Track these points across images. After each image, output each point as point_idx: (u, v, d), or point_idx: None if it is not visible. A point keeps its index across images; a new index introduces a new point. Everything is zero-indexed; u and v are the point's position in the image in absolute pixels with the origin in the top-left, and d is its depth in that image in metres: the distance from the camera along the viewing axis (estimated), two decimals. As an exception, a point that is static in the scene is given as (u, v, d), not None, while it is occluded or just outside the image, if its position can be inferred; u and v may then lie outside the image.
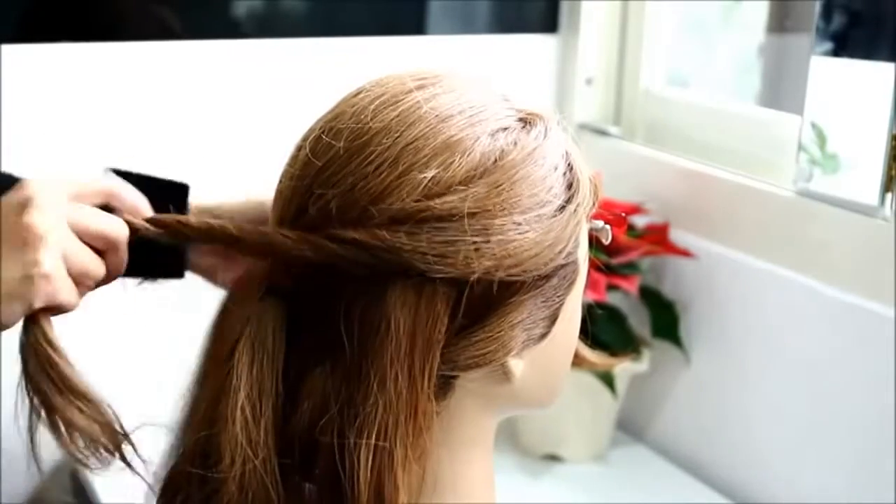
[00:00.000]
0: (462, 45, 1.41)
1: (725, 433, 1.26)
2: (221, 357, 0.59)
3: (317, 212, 0.57)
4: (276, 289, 0.59)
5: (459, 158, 0.56)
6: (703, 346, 1.29)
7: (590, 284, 0.86)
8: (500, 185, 0.56)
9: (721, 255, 1.25)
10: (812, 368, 1.14)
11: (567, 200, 0.59)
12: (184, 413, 0.64)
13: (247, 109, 1.27)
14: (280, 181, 0.61)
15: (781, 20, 1.58)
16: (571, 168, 0.60)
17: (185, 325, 0.72)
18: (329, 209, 0.56)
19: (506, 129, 0.59)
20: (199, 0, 1.25)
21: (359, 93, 0.60)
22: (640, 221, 1.31)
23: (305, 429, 0.56)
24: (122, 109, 1.20)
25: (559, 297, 0.61)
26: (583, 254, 0.62)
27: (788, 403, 1.17)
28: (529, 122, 0.60)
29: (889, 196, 1.06)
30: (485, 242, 0.56)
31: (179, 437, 0.64)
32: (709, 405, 1.29)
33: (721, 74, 1.63)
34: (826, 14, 1.10)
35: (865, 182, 1.07)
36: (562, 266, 0.60)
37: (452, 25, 1.41)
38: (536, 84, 1.47)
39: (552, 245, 0.58)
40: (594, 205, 0.62)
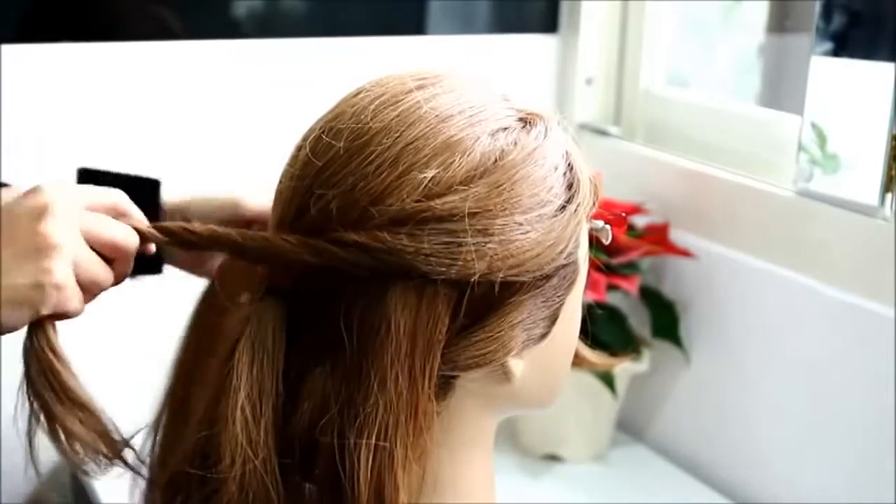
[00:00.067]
0: (462, 45, 1.41)
1: (725, 433, 1.26)
2: (221, 357, 0.59)
3: (317, 212, 0.57)
4: (276, 289, 0.59)
5: (460, 158, 0.56)
6: (703, 346, 1.29)
7: (590, 284, 0.85)
8: (501, 185, 0.56)
9: (721, 255, 1.25)
10: (812, 368, 1.14)
11: (567, 200, 0.59)
12: (179, 413, 0.64)
13: (247, 109, 1.27)
14: (280, 181, 0.61)
15: (781, 20, 1.58)
16: (571, 168, 0.60)
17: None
18: (329, 209, 0.56)
19: (506, 129, 0.59)
20: (199, 0, 1.25)
21: (359, 93, 0.60)
22: (640, 221, 1.31)
23: (305, 429, 0.56)
24: (122, 109, 1.20)
25: (559, 297, 0.61)
26: (583, 254, 0.62)
27: (788, 403, 1.17)
28: (529, 122, 0.60)
29: (889, 196, 1.06)
30: (486, 243, 0.56)
31: (171, 436, 0.64)
32: (709, 405, 1.29)
33: (721, 74, 1.63)
34: (826, 14, 1.10)
35: (865, 182, 1.07)
36: (562, 266, 0.60)
37: (452, 25, 1.41)
38: (536, 84, 1.47)
39: (553, 245, 0.58)
40: (594, 205, 0.62)
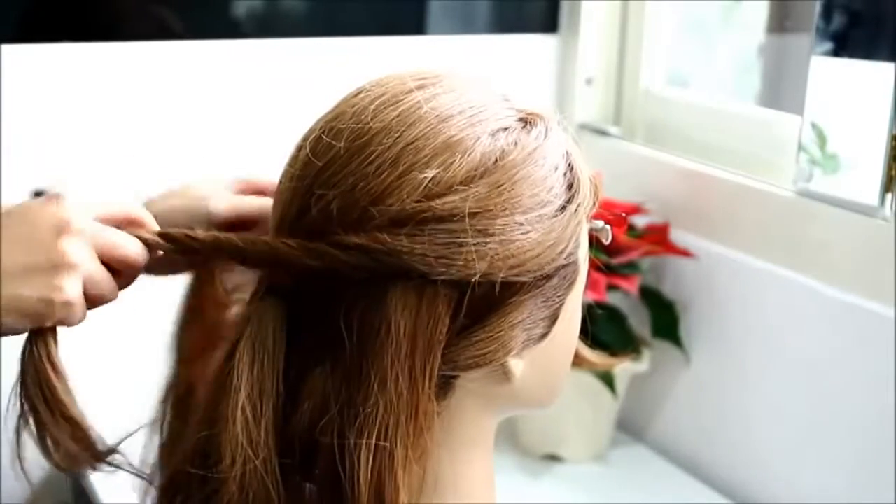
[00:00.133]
0: (462, 45, 1.41)
1: (725, 433, 1.26)
2: (222, 357, 0.59)
3: (318, 212, 0.57)
4: (277, 288, 0.59)
5: (460, 158, 0.56)
6: (703, 346, 1.29)
7: (590, 284, 0.85)
8: (501, 185, 0.56)
9: (721, 255, 1.25)
10: (812, 368, 1.14)
11: (568, 200, 0.59)
12: (180, 414, 0.64)
13: (247, 109, 1.27)
14: (280, 181, 0.61)
15: (781, 20, 1.58)
16: (572, 168, 0.60)
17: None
18: (330, 210, 0.56)
19: (506, 129, 0.58)
20: (199, 0, 1.25)
21: (359, 93, 0.60)
22: (640, 221, 1.31)
23: (305, 429, 0.56)
24: (122, 109, 1.20)
25: (559, 297, 0.60)
26: (583, 254, 0.62)
27: (788, 403, 1.17)
28: (530, 122, 0.60)
29: (889, 196, 1.06)
30: (486, 243, 0.56)
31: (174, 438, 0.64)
32: (709, 405, 1.29)
33: (721, 74, 1.63)
34: (826, 14, 1.10)
35: (865, 182, 1.07)
36: (562, 266, 0.60)
37: (452, 25, 1.41)
38: (536, 84, 1.47)
39: (553, 245, 0.58)
40: (594, 205, 0.62)
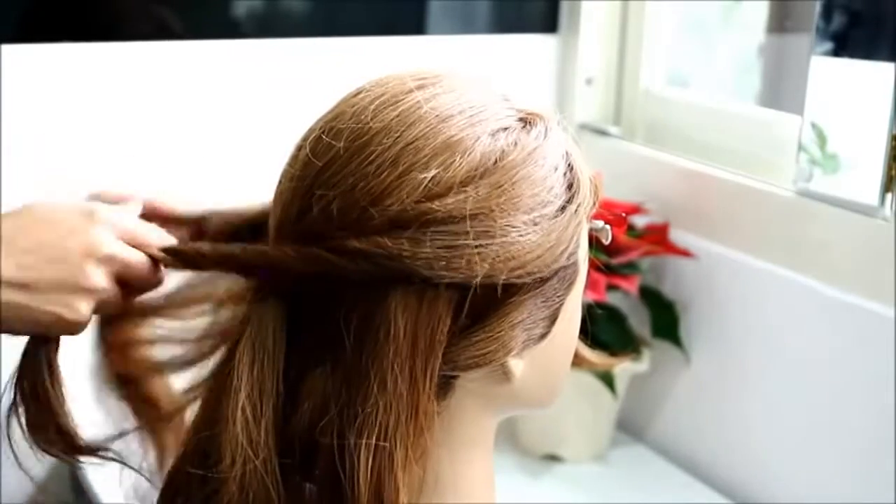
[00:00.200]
0: (462, 45, 1.41)
1: (725, 433, 1.26)
2: (222, 357, 0.59)
3: (318, 213, 0.56)
4: (277, 289, 0.59)
5: (460, 158, 0.56)
6: (703, 346, 1.29)
7: (590, 284, 0.85)
8: (502, 186, 0.56)
9: (721, 255, 1.25)
10: (812, 368, 1.14)
11: (568, 201, 0.59)
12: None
13: (247, 109, 1.27)
14: (280, 182, 0.61)
15: (781, 20, 1.58)
16: (572, 168, 0.60)
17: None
18: (330, 210, 0.56)
19: (506, 129, 0.58)
20: (199, 0, 1.25)
21: (359, 93, 0.60)
22: (640, 221, 1.31)
23: (305, 429, 0.56)
24: (122, 109, 1.20)
25: (559, 298, 0.60)
26: (583, 254, 0.62)
27: (788, 403, 1.17)
28: (529, 122, 0.60)
29: (889, 196, 1.06)
30: (487, 245, 0.55)
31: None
32: (709, 405, 1.29)
33: (721, 74, 1.63)
34: (826, 14, 1.10)
35: (865, 182, 1.07)
36: (563, 267, 0.60)
37: (452, 25, 1.41)
38: (536, 84, 1.47)
39: (554, 247, 0.58)
40: (594, 205, 0.62)
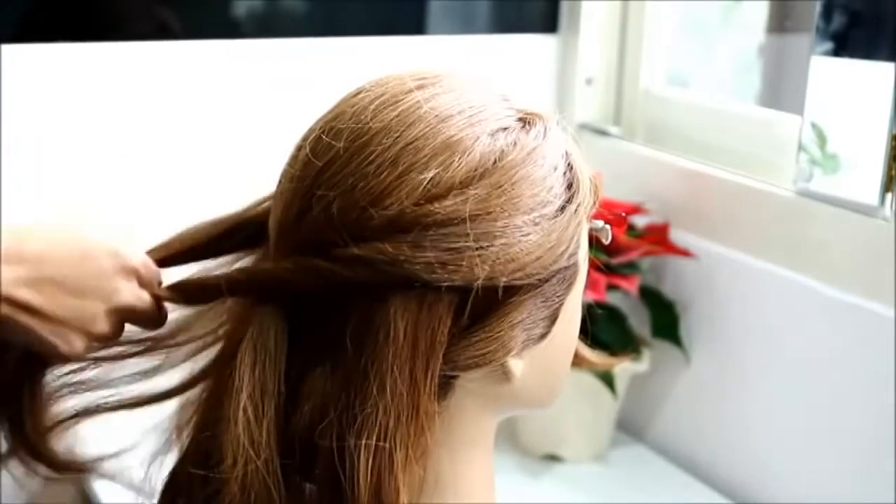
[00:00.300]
0: (462, 45, 1.41)
1: (725, 433, 1.26)
2: (223, 358, 0.59)
3: (318, 213, 0.56)
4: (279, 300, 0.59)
5: (459, 158, 0.56)
6: (703, 346, 1.29)
7: (590, 284, 0.85)
8: (501, 187, 0.56)
9: (721, 255, 1.25)
10: (812, 368, 1.14)
11: (567, 200, 0.59)
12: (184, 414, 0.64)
13: (247, 109, 1.27)
14: (280, 182, 0.61)
15: (781, 20, 1.58)
16: (571, 168, 0.60)
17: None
18: (330, 210, 0.56)
19: (506, 129, 0.58)
20: (199, 0, 1.25)
21: (359, 93, 0.60)
22: (640, 221, 1.31)
23: (306, 429, 0.56)
24: (122, 109, 1.20)
25: (559, 297, 0.60)
26: (583, 254, 0.62)
27: (788, 403, 1.17)
28: (529, 122, 0.60)
29: (889, 196, 1.06)
30: (488, 247, 0.55)
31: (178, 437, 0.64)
32: (709, 405, 1.29)
33: (721, 74, 1.63)
34: (826, 14, 1.10)
35: (865, 182, 1.07)
36: (563, 267, 0.60)
37: (452, 25, 1.41)
38: (536, 84, 1.47)
39: (554, 247, 0.58)
40: (594, 205, 0.62)
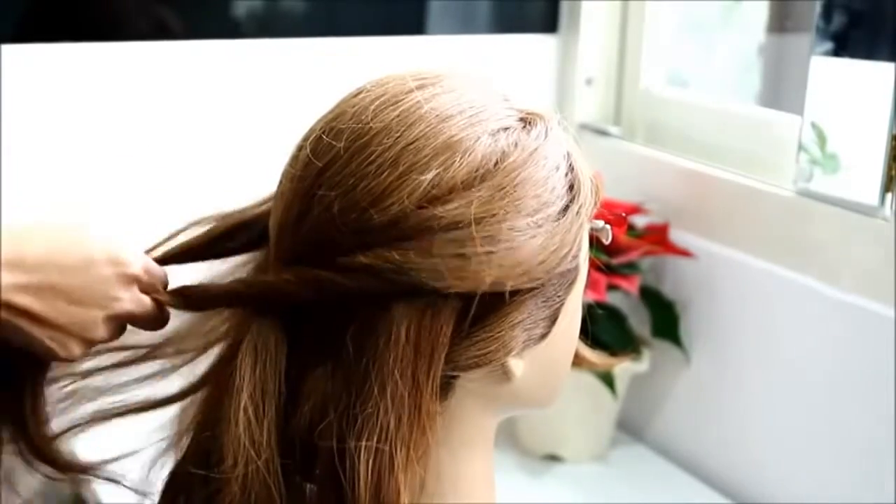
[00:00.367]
0: (462, 45, 1.41)
1: (725, 433, 1.26)
2: (224, 358, 0.59)
3: (318, 214, 0.56)
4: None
5: (460, 158, 0.56)
6: (703, 346, 1.29)
7: (590, 284, 0.85)
8: (504, 188, 0.56)
9: (721, 255, 1.25)
10: (812, 368, 1.14)
11: (569, 202, 0.59)
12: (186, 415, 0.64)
13: (247, 109, 1.27)
14: (280, 182, 0.61)
15: (781, 20, 1.58)
16: (573, 168, 0.60)
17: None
18: (331, 211, 0.56)
19: (506, 130, 0.58)
20: (199, 0, 1.25)
21: (359, 93, 0.60)
22: (640, 221, 1.31)
23: (306, 430, 0.56)
24: (123, 109, 1.20)
25: (559, 298, 0.60)
26: (584, 254, 0.62)
27: (788, 403, 1.17)
28: (530, 123, 0.60)
29: (889, 196, 1.06)
30: (493, 252, 0.55)
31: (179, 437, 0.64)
32: (709, 405, 1.29)
33: (721, 74, 1.63)
34: (826, 14, 1.10)
35: (865, 182, 1.07)
36: (566, 270, 0.60)
37: (452, 25, 1.41)
38: (536, 84, 1.47)
39: (557, 250, 0.58)
40: (595, 205, 0.62)
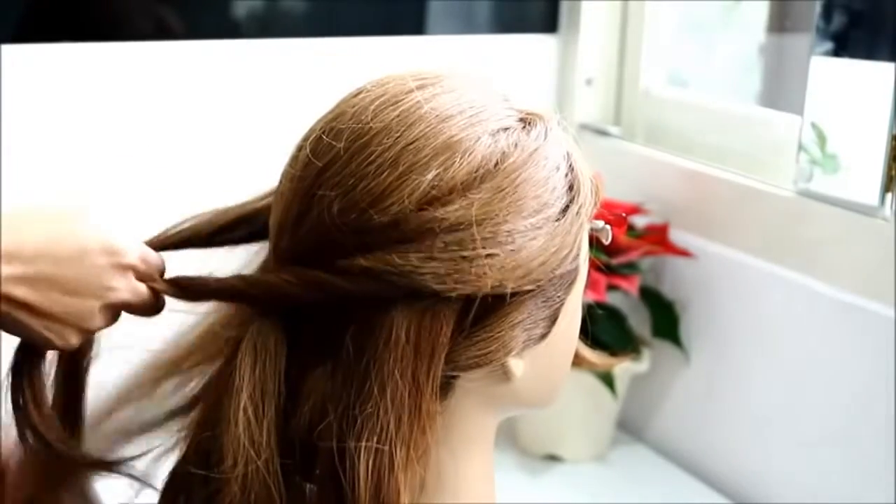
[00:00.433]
0: (462, 45, 1.41)
1: (725, 433, 1.26)
2: (224, 358, 0.59)
3: (318, 214, 0.56)
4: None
5: (460, 159, 0.56)
6: (703, 346, 1.29)
7: (590, 284, 0.85)
8: (504, 190, 0.56)
9: (721, 255, 1.25)
10: (812, 368, 1.14)
11: (569, 202, 0.59)
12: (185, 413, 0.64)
13: (247, 109, 1.27)
14: (280, 182, 0.61)
15: (781, 20, 1.58)
16: (573, 169, 0.60)
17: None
18: (331, 211, 0.56)
19: (506, 130, 0.58)
20: (199, 0, 1.25)
21: (359, 93, 0.60)
22: (640, 221, 1.31)
23: (306, 430, 0.56)
24: (123, 109, 1.20)
25: (559, 298, 0.60)
26: (584, 254, 0.62)
27: (788, 403, 1.17)
28: (530, 123, 0.60)
29: (889, 196, 1.06)
30: (494, 254, 0.55)
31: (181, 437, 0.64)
32: (708, 405, 1.29)
33: (721, 74, 1.63)
34: (826, 14, 1.10)
35: (865, 182, 1.07)
36: (566, 271, 0.60)
37: (452, 25, 1.41)
38: (536, 84, 1.47)
39: (558, 251, 0.58)
40: (595, 206, 0.62)
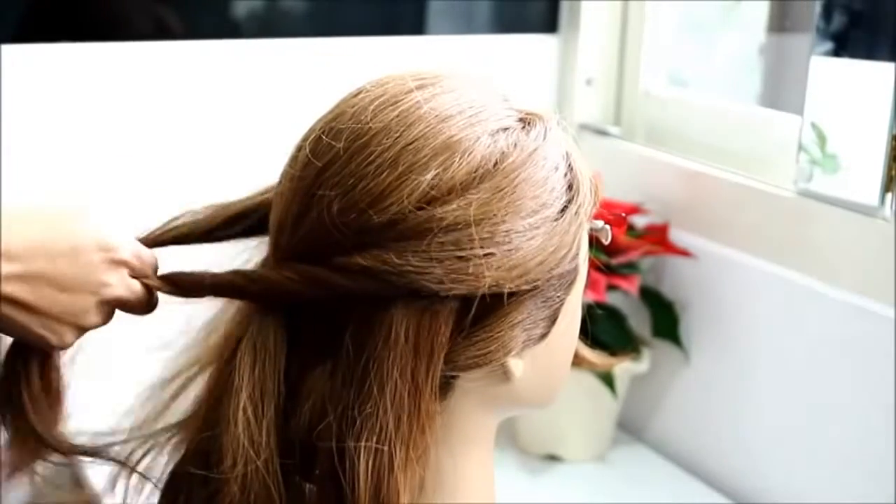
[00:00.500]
0: (462, 45, 1.41)
1: (725, 433, 1.26)
2: (223, 357, 0.59)
3: (318, 214, 0.56)
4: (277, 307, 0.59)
5: (459, 159, 0.56)
6: (703, 346, 1.29)
7: (590, 284, 0.86)
8: (503, 190, 0.56)
9: (721, 255, 1.25)
10: (812, 368, 1.14)
11: (568, 202, 0.59)
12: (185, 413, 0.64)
13: (247, 109, 1.27)
14: (280, 182, 0.61)
15: (781, 20, 1.58)
16: (572, 169, 0.60)
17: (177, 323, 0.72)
18: (330, 211, 0.56)
19: (506, 130, 0.58)
20: (199, 0, 1.25)
21: (359, 93, 0.60)
22: (640, 221, 1.31)
23: (305, 430, 0.56)
24: (123, 109, 1.20)
25: (559, 298, 0.60)
26: (583, 254, 0.62)
27: (788, 403, 1.17)
28: (529, 123, 0.60)
29: (889, 196, 1.06)
30: (492, 254, 0.55)
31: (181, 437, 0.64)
32: (709, 405, 1.29)
33: (721, 74, 1.63)
34: (826, 14, 1.10)
35: (865, 182, 1.07)
36: (566, 271, 0.60)
37: (452, 25, 1.41)
38: (536, 84, 1.47)
39: (556, 251, 0.58)
40: (595, 206, 0.62)
